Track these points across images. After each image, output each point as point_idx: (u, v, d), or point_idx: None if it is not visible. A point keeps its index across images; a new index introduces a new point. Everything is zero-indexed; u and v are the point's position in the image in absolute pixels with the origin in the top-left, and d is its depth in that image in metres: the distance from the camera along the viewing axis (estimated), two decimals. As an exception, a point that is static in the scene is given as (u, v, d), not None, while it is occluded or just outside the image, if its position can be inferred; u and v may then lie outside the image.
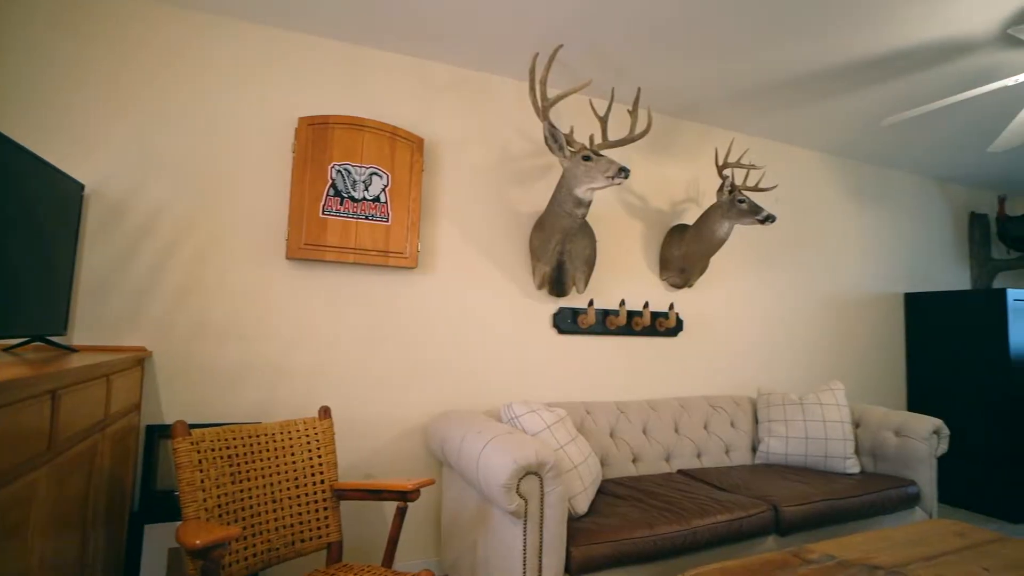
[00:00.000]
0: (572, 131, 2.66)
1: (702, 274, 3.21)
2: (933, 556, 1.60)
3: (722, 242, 2.89)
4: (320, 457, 1.85)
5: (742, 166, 2.98)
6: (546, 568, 1.75)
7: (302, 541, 1.74)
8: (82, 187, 1.96)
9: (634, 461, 2.71)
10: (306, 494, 1.79)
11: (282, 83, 2.37)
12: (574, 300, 2.89)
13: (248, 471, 1.67)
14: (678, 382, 3.15)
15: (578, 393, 2.87)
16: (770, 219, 2.74)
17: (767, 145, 3.59)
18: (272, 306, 2.30)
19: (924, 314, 4.01)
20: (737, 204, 2.80)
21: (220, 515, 1.56)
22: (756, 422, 3.07)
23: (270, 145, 2.33)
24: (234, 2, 2.19)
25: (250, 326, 2.26)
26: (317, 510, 1.79)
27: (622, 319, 2.85)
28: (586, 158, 2.31)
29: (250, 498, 1.65)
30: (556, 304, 2.84)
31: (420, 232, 2.55)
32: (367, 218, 2.37)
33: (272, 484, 1.72)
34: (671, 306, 2.98)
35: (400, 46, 2.51)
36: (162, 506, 2.01)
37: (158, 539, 1.95)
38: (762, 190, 3.03)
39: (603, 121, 2.44)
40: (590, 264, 2.86)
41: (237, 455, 1.66)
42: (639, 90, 2.40)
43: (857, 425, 2.99)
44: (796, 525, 2.25)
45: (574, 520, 1.97)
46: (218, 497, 1.56)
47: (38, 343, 1.84)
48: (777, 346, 3.53)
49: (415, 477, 2.45)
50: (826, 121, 3.26)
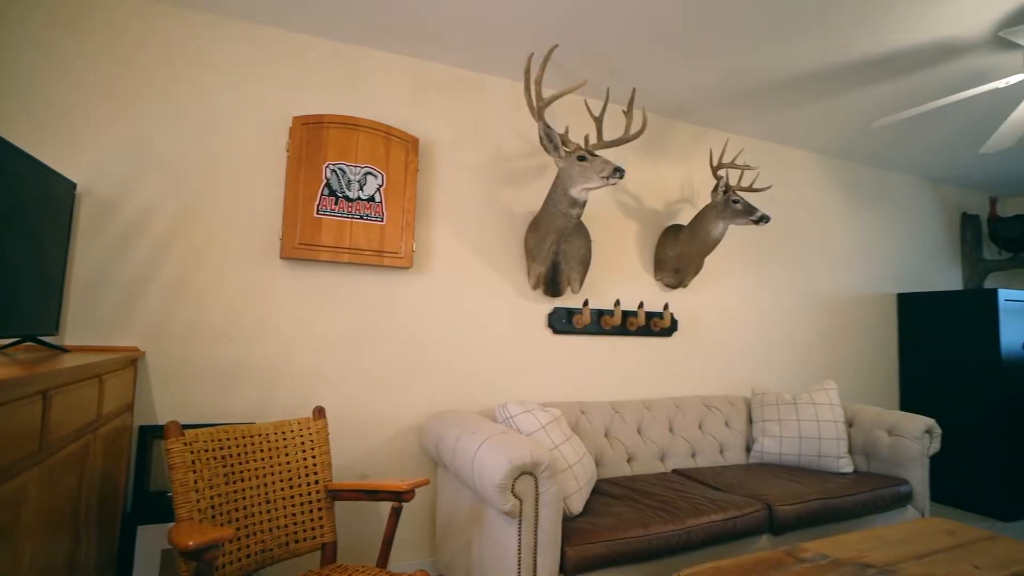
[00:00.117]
0: (567, 131, 2.66)
1: (697, 274, 3.22)
2: (925, 554, 1.61)
3: (717, 242, 2.90)
4: (314, 457, 1.84)
5: (736, 167, 2.99)
6: (541, 568, 1.75)
7: (296, 542, 1.73)
8: (74, 186, 1.94)
9: (629, 461, 2.71)
10: (300, 495, 1.78)
11: (277, 82, 2.36)
12: (569, 300, 2.89)
13: (242, 472, 1.67)
14: (673, 382, 3.16)
15: (573, 393, 2.87)
16: (764, 219, 2.75)
17: (761, 146, 3.60)
18: (266, 306, 2.29)
19: (917, 314, 4.04)
20: (732, 204, 2.81)
21: (213, 516, 1.55)
22: (750, 422, 3.08)
23: (264, 144, 2.32)
24: (230, 1, 2.18)
25: (244, 326, 2.25)
26: (311, 511, 1.79)
27: (617, 319, 2.85)
28: (581, 158, 2.31)
29: (244, 499, 1.65)
30: (551, 304, 2.85)
31: (415, 232, 2.54)
32: (362, 218, 2.36)
33: (266, 485, 1.72)
34: (666, 306, 2.99)
35: (395, 46, 2.50)
36: (155, 507, 2.00)
37: (151, 540, 1.93)
38: (756, 190, 3.04)
39: (598, 121, 2.45)
40: (585, 264, 2.86)
41: (231, 456, 1.65)
42: (634, 90, 2.40)
43: (850, 424, 3.00)
44: (790, 524, 2.26)
45: (569, 520, 1.97)
46: (211, 498, 1.56)
47: (29, 343, 1.83)
48: (771, 346, 3.55)
49: (410, 477, 2.45)
50: (820, 122, 3.27)
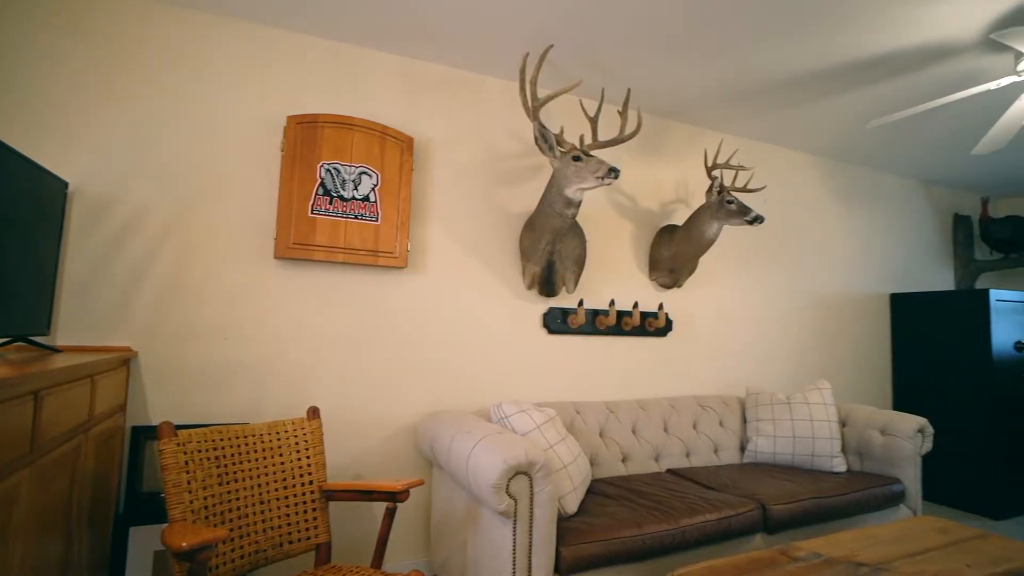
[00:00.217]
0: (562, 131, 2.67)
1: (691, 274, 3.23)
2: (917, 553, 1.62)
3: (711, 242, 2.91)
4: (308, 458, 1.84)
5: (731, 167, 3.00)
6: (536, 568, 1.75)
7: (290, 543, 1.73)
8: (66, 185, 1.93)
9: (624, 461, 2.72)
10: (294, 495, 1.77)
11: (271, 81, 2.35)
12: (564, 300, 2.90)
13: (235, 472, 1.66)
14: (667, 382, 3.17)
15: (568, 393, 2.87)
16: (758, 220, 2.76)
17: (756, 146, 3.62)
18: (260, 306, 2.28)
19: (909, 314, 4.07)
20: (726, 205, 2.82)
21: (207, 517, 1.54)
22: (744, 421, 3.09)
23: (258, 144, 2.31)
24: (226, 1, 2.17)
25: (238, 326, 2.24)
26: (305, 511, 1.78)
27: (612, 319, 2.86)
28: (576, 158, 2.31)
29: (237, 499, 1.64)
30: (546, 304, 2.85)
31: (410, 232, 2.54)
32: (356, 217, 2.36)
33: (260, 485, 1.71)
34: (660, 306, 3.00)
35: (390, 45, 2.50)
36: (148, 508, 1.98)
37: (143, 541, 1.92)
38: (751, 191, 3.05)
39: (593, 121, 2.45)
40: (580, 264, 2.87)
41: (224, 456, 1.64)
42: (629, 91, 2.41)
43: (844, 424, 3.02)
44: (783, 523, 2.27)
45: (564, 520, 1.97)
46: (205, 499, 1.55)
47: (20, 343, 1.81)
48: (766, 346, 3.56)
49: (404, 477, 2.45)
50: (813, 123, 3.29)
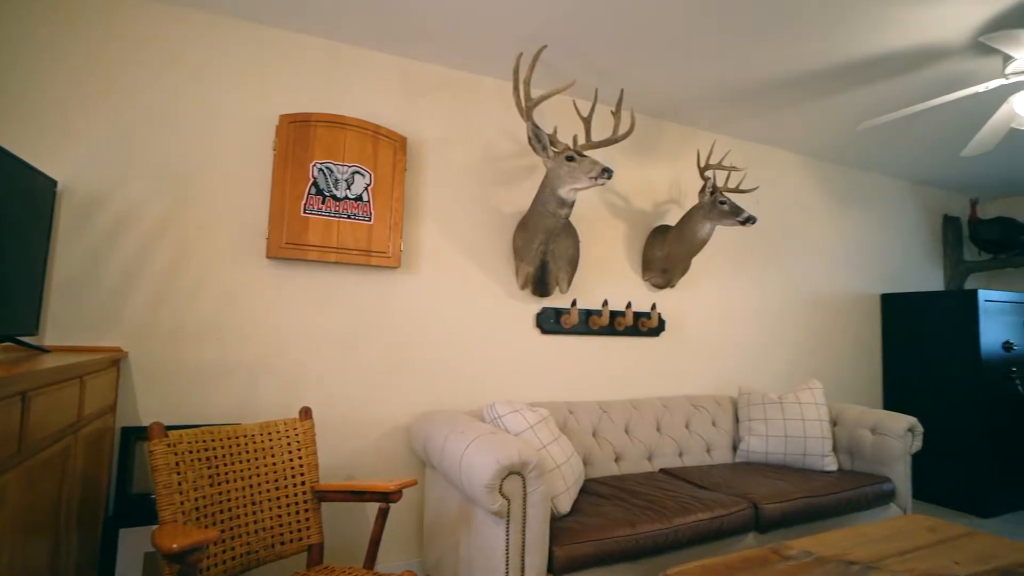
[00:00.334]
0: (556, 131, 2.67)
1: (684, 275, 3.24)
2: (906, 551, 1.63)
3: (704, 243, 2.92)
4: (301, 458, 1.83)
5: (724, 168, 3.02)
6: (529, 568, 1.75)
7: (282, 544, 1.72)
8: (55, 183, 1.91)
9: (616, 460, 2.72)
10: (286, 496, 1.77)
11: (263, 80, 2.34)
12: (557, 300, 2.90)
13: (227, 473, 1.65)
14: (660, 382, 3.18)
15: (561, 393, 2.88)
16: (751, 220, 2.77)
17: (748, 147, 3.64)
18: (252, 306, 2.26)
19: (900, 314, 4.10)
20: (719, 205, 2.83)
21: (198, 518, 1.53)
22: (737, 421, 3.11)
23: (251, 143, 2.30)
24: (214, -3, 2.16)
25: (229, 326, 2.22)
26: (298, 512, 1.77)
27: (605, 319, 2.86)
28: (569, 158, 2.31)
29: (229, 500, 1.63)
30: (539, 304, 2.85)
31: (403, 232, 2.53)
32: (349, 217, 2.35)
33: (252, 486, 1.70)
34: (653, 306, 3.01)
35: (384, 45, 2.49)
36: (138, 509, 1.97)
37: (133, 543, 1.90)
38: (743, 191, 3.06)
39: (587, 122, 2.45)
40: (573, 264, 2.87)
41: (216, 457, 1.63)
42: (622, 91, 2.41)
43: (835, 423, 3.04)
44: (775, 522, 2.28)
45: (557, 519, 1.97)
46: (196, 500, 1.54)
47: (8, 343, 1.79)
48: (758, 346, 3.58)
49: (397, 478, 2.44)
50: (805, 124, 3.31)
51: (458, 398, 2.62)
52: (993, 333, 3.68)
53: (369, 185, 2.40)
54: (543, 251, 2.64)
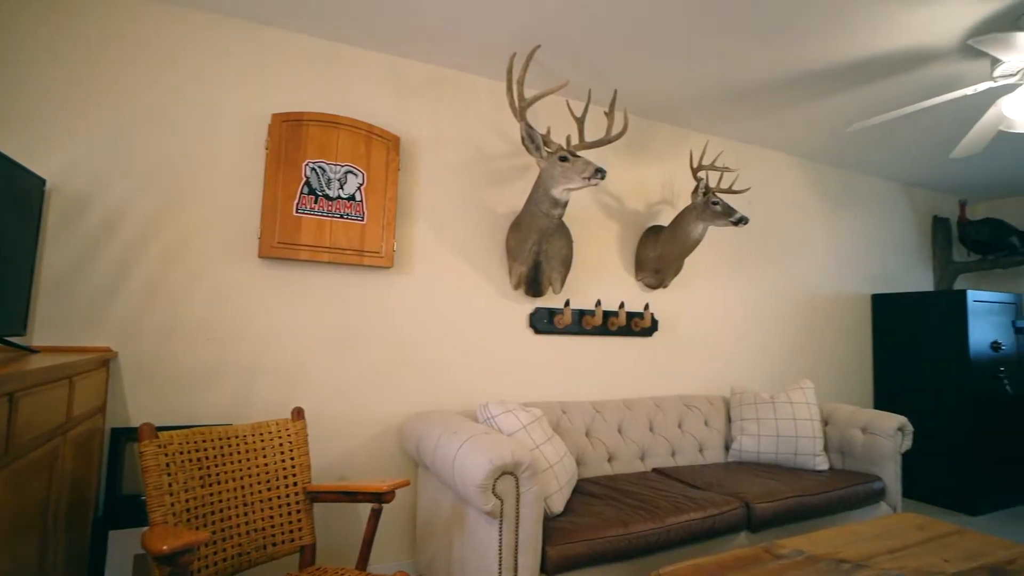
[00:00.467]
0: (549, 132, 2.67)
1: (677, 275, 3.25)
2: (897, 549, 1.65)
3: (696, 243, 2.94)
4: (293, 459, 1.82)
5: (716, 168, 3.03)
6: (522, 568, 1.75)
7: (274, 545, 1.71)
8: (43, 182, 1.89)
9: (609, 460, 2.73)
10: (278, 497, 1.76)
11: (256, 79, 2.32)
12: (550, 300, 2.90)
13: (218, 474, 1.64)
14: (653, 382, 3.19)
15: (554, 393, 2.88)
16: (743, 221, 2.78)
17: (741, 148, 3.65)
18: (244, 306, 2.25)
19: (890, 314, 4.14)
20: (711, 206, 2.84)
21: (189, 519, 1.52)
22: (729, 421, 3.12)
23: (242, 142, 2.29)
24: (205, -5, 2.14)
25: (221, 326, 2.21)
26: (290, 513, 1.77)
27: (598, 319, 2.87)
28: (563, 159, 2.32)
29: (220, 501, 1.62)
30: (532, 304, 2.85)
31: (396, 231, 2.53)
32: (342, 217, 2.34)
33: (243, 487, 1.69)
34: (646, 306, 3.02)
35: (377, 44, 2.48)
36: (128, 511, 1.95)
37: (123, 545, 1.89)
38: (735, 192, 3.08)
39: (580, 122, 2.46)
40: (566, 264, 2.87)
41: (207, 458, 1.62)
42: (615, 92, 2.42)
43: (826, 423, 3.06)
44: (767, 521, 2.29)
45: (550, 519, 1.98)
46: (186, 501, 1.53)
47: (-4, 344, 1.77)
48: (750, 346, 3.60)
49: (390, 478, 2.43)
50: (797, 126, 3.33)
51: (451, 398, 2.62)
52: (981, 333, 3.72)
53: (362, 185, 2.39)
54: (536, 251, 2.64)
